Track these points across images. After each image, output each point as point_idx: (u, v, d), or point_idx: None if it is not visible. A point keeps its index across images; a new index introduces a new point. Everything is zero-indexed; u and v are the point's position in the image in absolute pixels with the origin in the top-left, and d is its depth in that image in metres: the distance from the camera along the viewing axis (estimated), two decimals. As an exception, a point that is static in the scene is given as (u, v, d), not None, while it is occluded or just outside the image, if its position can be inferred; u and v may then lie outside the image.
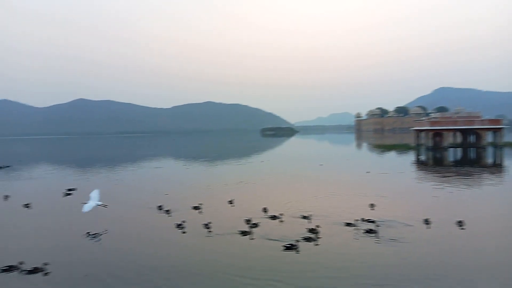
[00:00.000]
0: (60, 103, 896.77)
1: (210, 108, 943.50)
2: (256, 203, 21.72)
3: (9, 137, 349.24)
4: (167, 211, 20.15)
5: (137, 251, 14.34)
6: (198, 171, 43.74)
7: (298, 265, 12.61)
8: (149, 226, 17.82)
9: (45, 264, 12.41)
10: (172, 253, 14.10)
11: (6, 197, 25.70)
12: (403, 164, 45.74)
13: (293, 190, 27.54)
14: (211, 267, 12.57)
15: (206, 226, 16.94)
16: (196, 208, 20.75)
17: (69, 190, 27.99)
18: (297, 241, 14.37)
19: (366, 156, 63.28)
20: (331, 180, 32.41)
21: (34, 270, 12.20)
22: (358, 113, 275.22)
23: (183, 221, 17.59)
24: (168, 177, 38.08)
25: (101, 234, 16.42)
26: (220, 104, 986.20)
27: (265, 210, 19.83)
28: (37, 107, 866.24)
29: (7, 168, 48.52)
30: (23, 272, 12.20)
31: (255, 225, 16.89)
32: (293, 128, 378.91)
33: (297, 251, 13.76)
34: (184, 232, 16.58)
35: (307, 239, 14.85)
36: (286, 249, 13.94)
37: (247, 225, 16.94)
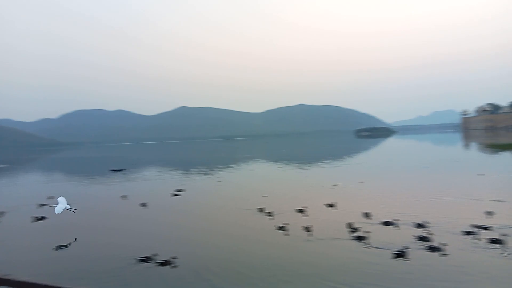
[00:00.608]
0: (165, 111, 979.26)
1: (302, 110, 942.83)
2: (357, 207, 20.86)
3: (124, 143, 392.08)
4: (269, 214, 20.28)
5: (242, 250, 14.75)
6: (293, 173, 43.81)
7: (409, 275, 11.69)
8: (251, 228, 18.22)
9: (173, 257, 13.38)
10: (273, 254, 14.15)
11: (124, 196, 28.62)
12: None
13: (394, 194, 25.87)
14: (311, 272, 12.32)
15: (307, 229, 16.73)
16: (300, 210, 20.51)
17: (178, 190, 30.20)
18: (407, 248, 13.35)
19: (477, 157, 56.88)
20: (437, 183, 29.68)
21: (165, 263, 13.23)
22: (465, 110, 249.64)
23: (285, 223, 17.56)
24: (265, 179, 38.78)
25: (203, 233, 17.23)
26: (312, 106, 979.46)
27: (367, 214, 18.90)
28: (146, 115, 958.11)
29: (123, 171, 54.29)
30: (155, 264, 13.30)
31: (356, 230, 16.19)
32: (390, 128, 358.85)
33: (407, 259, 12.79)
34: (286, 235, 16.59)
35: (420, 248, 13.71)
36: (395, 257, 13.05)
37: (350, 230, 16.33)
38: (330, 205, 21.56)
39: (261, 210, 21.23)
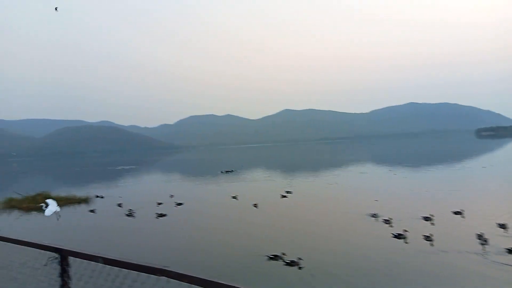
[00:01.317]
0: (269, 114, 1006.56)
1: (411, 109, 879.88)
2: (490, 216, 18.42)
3: (232, 146, 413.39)
4: (387, 221, 18.76)
5: (363, 257, 14.11)
6: (405, 177, 40.86)
7: None
8: (367, 234, 17.31)
9: (300, 258, 13.30)
10: (394, 262, 13.21)
11: (234, 197, 29.85)
12: None
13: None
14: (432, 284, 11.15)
15: (428, 238, 15.28)
16: (426, 219, 18.56)
17: (287, 192, 30.53)
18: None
19: None
20: None
21: (291, 263, 13.25)
22: None
23: (405, 230, 16.24)
24: (375, 183, 36.89)
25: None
26: (424, 104, 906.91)
27: (503, 226, 16.47)
28: (252, 119, 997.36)
29: (232, 172, 57.03)
30: (283, 263, 13.47)
31: (486, 242, 14.22)
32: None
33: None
34: (405, 243, 15.38)
35: None
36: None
37: (480, 242, 14.45)
38: (457, 213, 19.34)
39: (374, 216, 20.10)
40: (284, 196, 29.02)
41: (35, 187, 38.22)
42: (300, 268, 12.94)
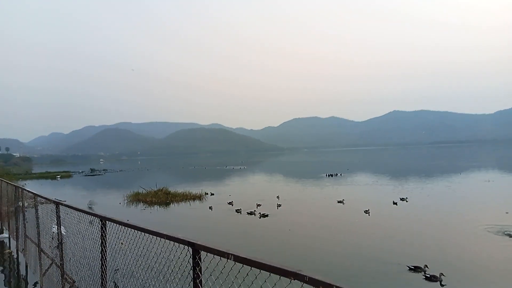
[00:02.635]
0: (376, 116, 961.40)
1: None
2: None
3: (336, 148, 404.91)
4: None
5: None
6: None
7: None
8: (498, 249, 15.25)
9: (442, 274, 12.08)
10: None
11: (340, 201, 28.89)
12: None
13: None
14: None
15: None
16: None
17: (401, 199, 28.69)
18: None
19: None
20: None
21: (432, 278, 12.09)
22: None
23: None
24: (505, 192, 32.31)
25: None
26: None
27: None
28: (357, 121, 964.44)
29: (337, 176, 55.64)
30: (423, 277, 12.43)
31: None
32: None
33: None
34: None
35: None
36: None
37: None
38: None
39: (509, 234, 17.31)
40: (395, 203, 27.21)
41: (157, 183, 42.52)
42: (442, 285, 11.78)
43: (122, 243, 5.32)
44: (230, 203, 29.47)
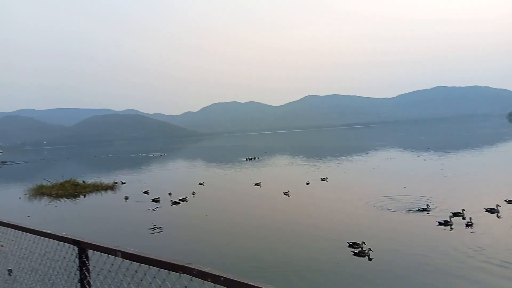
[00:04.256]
0: (293, 100, 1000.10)
1: (441, 93, 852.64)
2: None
3: (255, 132, 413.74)
4: (425, 209, 17.83)
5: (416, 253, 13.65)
6: (435, 164, 39.51)
7: None
8: (409, 223, 16.80)
9: (370, 249, 12.53)
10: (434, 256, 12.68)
11: (257, 184, 29.39)
12: None
13: None
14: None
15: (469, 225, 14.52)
16: (491, 210, 16.74)
17: (322, 179, 29.85)
18: None
19: None
20: None
21: (360, 253, 12.56)
22: None
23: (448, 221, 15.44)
24: (405, 169, 35.85)
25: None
26: (453, 88, 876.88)
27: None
28: (275, 106, 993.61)
29: (256, 159, 56.73)
30: (352, 253, 12.73)
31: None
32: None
33: None
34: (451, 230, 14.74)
35: None
36: None
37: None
38: (491, 211, 16.89)
39: (424, 209, 18.06)
40: (307, 183, 28.45)
41: (64, 174, 39.26)
42: (370, 259, 12.30)
43: (2, 245, 4.84)
44: (145, 192, 28.36)
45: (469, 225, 14.87)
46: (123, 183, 35.00)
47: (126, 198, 26.76)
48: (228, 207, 22.56)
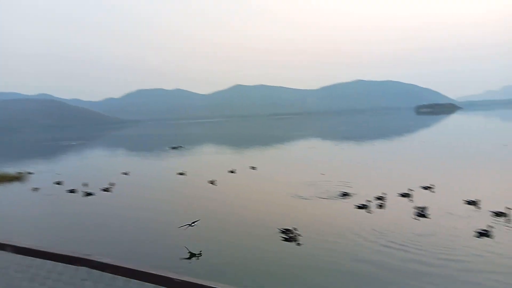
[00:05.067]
0: (221, 89, 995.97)
1: (359, 87, 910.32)
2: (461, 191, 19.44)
3: (181, 120, 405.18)
4: (346, 194, 19.21)
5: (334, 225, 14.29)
6: (352, 152, 42.33)
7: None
8: (328, 208, 17.66)
9: (298, 235, 13.00)
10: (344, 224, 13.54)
11: (181, 173, 28.85)
12: None
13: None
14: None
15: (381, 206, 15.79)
16: (405, 195, 18.10)
17: (252, 167, 30.02)
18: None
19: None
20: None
21: (290, 239, 12.90)
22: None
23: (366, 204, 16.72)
24: (324, 157, 37.80)
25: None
26: (371, 82, 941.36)
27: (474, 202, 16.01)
28: (203, 94, 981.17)
29: (181, 148, 55.61)
30: (282, 238, 13.10)
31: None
32: (454, 104, 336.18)
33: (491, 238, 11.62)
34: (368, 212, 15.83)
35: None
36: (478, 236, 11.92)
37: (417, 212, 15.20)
38: (405, 195, 18.36)
39: (345, 194, 19.19)
40: (232, 172, 28.59)
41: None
42: (299, 244, 12.68)
43: None
44: (58, 183, 26.14)
45: (380, 206, 16.28)
46: (30, 173, 31.99)
47: (35, 189, 24.59)
48: (150, 197, 21.86)
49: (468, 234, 12.66)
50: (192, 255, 11.83)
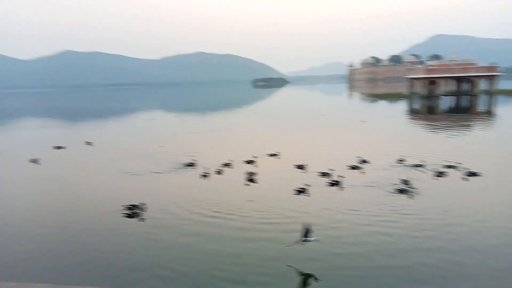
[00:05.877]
0: (46, 55, 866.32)
1: (202, 59, 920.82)
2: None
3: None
4: (191, 164, 19.78)
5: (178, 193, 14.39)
6: (193, 123, 43.43)
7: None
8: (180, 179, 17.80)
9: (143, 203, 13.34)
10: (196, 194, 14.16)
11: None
12: (396, 112, 46.12)
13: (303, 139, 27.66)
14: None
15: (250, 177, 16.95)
16: (249, 162, 19.89)
17: (87, 143, 27.78)
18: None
19: (359, 106, 63.02)
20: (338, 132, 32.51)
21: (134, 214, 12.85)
22: (351, 62, 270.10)
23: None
24: (162, 129, 37.76)
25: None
26: (212, 54, 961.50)
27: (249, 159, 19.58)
28: (23, 60, 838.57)
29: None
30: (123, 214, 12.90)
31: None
32: (285, 78, 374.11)
33: (308, 195, 13.97)
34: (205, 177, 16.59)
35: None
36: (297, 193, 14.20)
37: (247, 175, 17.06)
38: (227, 165, 21.00)
39: (191, 164, 19.87)
40: (59, 148, 26.15)
41: None
42: (142, 219, 12.52)
43: None
44: None
45: (218, 172, 17.61)
46: None
47: None
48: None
49: (288, 194, 14.52)
50: None
